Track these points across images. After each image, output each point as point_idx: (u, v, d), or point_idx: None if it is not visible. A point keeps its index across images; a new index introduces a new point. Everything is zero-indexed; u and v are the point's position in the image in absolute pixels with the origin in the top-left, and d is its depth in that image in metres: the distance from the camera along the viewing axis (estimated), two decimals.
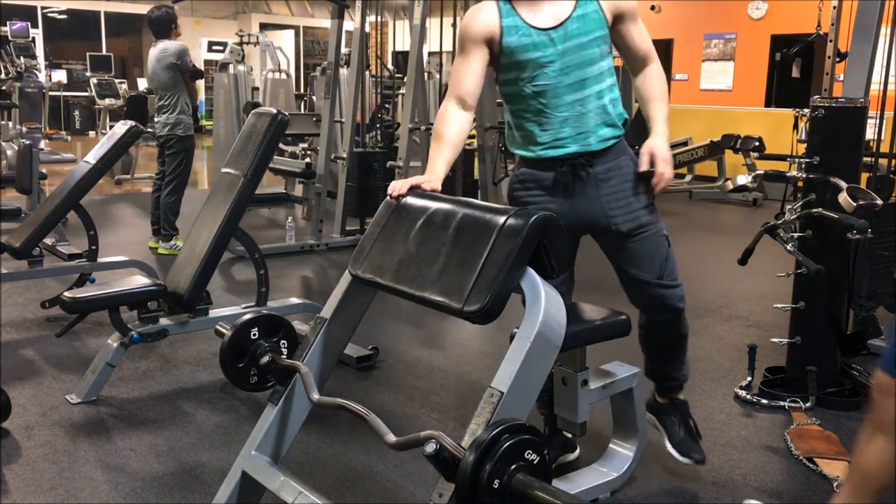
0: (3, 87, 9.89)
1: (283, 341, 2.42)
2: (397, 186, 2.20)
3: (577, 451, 2.74)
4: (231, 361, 2.37)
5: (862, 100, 3.16)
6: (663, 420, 2.69)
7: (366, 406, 1.82)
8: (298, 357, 2.10)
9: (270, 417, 2.10)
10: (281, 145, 7.52)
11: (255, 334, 2.37)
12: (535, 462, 1.58)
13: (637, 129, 2.82)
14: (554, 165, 2.37)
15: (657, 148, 2.36)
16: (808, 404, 3.15)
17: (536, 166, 2.41)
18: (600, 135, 2.36)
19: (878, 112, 3.89)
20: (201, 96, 14.65)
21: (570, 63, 2.31)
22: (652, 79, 2.49)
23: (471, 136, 6.82)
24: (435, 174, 2.25)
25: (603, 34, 2.35)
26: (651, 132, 2.42)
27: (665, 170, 2.35)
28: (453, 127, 2.34)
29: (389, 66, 8.79)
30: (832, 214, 3.04)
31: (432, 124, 8.38)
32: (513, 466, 1.55)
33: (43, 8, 15.55)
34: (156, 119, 5.81)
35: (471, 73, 2.35)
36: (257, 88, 10.71)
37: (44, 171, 5.83)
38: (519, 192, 2.46)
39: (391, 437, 1.73)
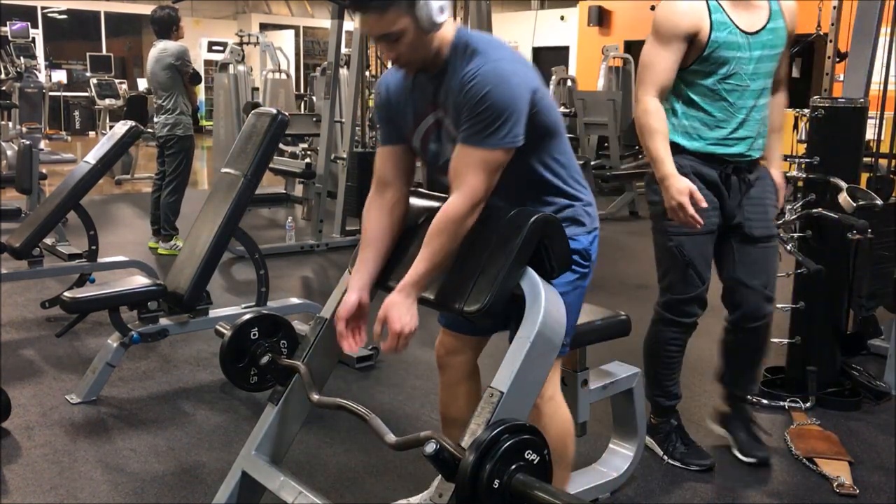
0: (3, 87, 9.88)
1: (283, 341, 2.42)
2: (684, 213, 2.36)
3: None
4: (231, 361, 2.37)
5: (862, 100, 3.16)
6: (729, 426, 2.78)
7: (366, 406, 1.82)
8: (298, 357, 2.10)
9: (270, 417, 2.10)
10: (281, 145, 7.52)
11: (254, 334, 2.37)
12: (535, 462, 1.58)
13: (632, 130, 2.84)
14: (719, 163, 2.49)
15: (780, 183, 2.63)
16: (808, 404, 3.15)
17: (702, 160, 2.49)
18: (760, 144, 2.54)
19: (878, 112, 3.89)
20: (201, 96, 14.65)
21: (759, 70, 2.46)
22: (775, 109, 2.62)
23: None
24: (680, 178, 2.35)
25: (783, 51, 2.51)
26: (771, 165, 2.63)
27: (781, 201, 2.67)
28: (663, 121, 2.42)
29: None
30: (832, 214, 3.04)
31: None
32: (513, 466, 1.55)
33: (43, 8, 15.55)
34: (155, 119, 5.81)
35: (673, 66, 2.42)
36: (257, 88, 10.71)
37: (44, 171, 5.82)
38: None
39: (391, 437, 1.73)
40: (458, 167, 1.78)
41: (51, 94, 11.33)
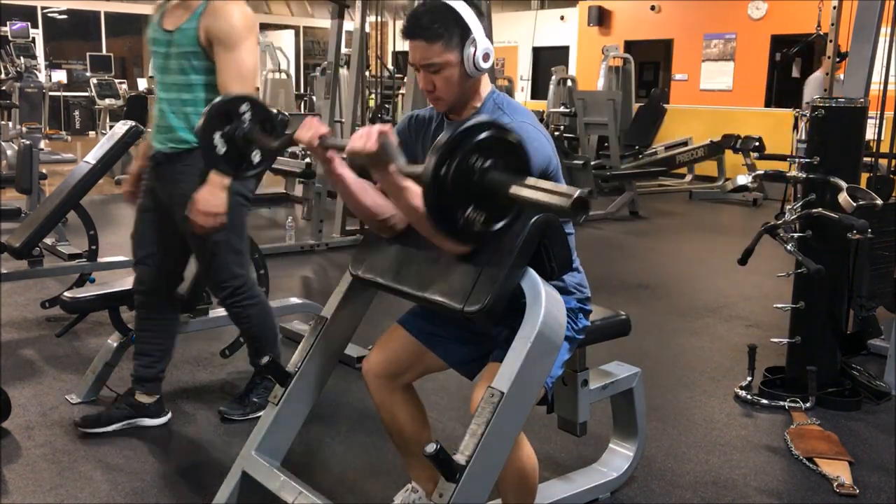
0: (3, 87, 9.89)
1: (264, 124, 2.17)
2: None
3: None
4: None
5: (862, 100, 3.17)
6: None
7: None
8: (299, 358, 2.10)
9: (270, 417, 2.10)
10: None
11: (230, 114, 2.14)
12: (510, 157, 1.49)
13: (637, 129, 2.84)
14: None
15: (195, 198, 2.46)
16: (808, 404, 3.15)
17: None
18: (161, 138, 2.66)
19: (878, 112, 3.89)
20: None
21: (167, 66, 2.61)
22: None
23: None
24: None
25: (194, 51, 2.56)
26: None
27: (196, 219, 2.48)
28: None
29: (389, 66, 8.80)
30: (832, 214, 3.04)
31: None
32: (486, 163, 1.42)
33: (43, 8, 15.54)
34: None
35: None
36: (257, 88, 10.70)
37: (44, 171, 5.82)
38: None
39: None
40: None
41: (51, 94, 11.33)
